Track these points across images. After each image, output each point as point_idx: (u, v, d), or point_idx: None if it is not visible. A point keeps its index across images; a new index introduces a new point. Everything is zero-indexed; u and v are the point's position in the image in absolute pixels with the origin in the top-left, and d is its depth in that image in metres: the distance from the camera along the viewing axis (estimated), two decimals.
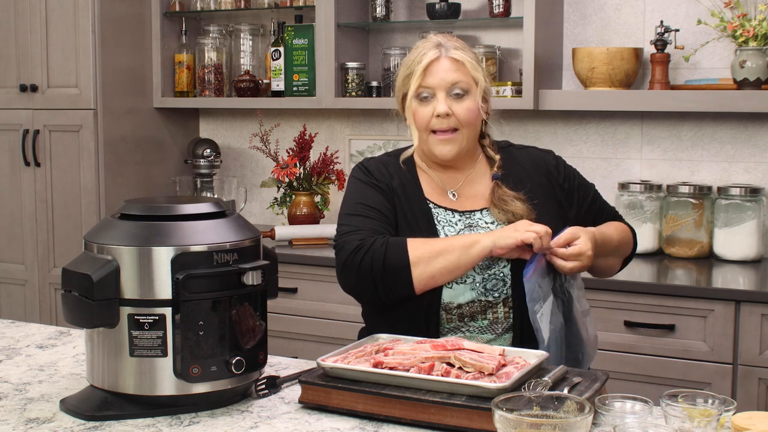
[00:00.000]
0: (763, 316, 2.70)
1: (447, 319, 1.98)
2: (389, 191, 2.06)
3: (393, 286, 1.93)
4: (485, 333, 1.98)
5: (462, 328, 1.98)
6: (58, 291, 3.82)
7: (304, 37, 3.73)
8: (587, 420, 1.33)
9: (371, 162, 2.13)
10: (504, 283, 1.98)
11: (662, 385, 2.68)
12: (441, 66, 2.00)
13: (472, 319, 1.98)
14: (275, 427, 1.58)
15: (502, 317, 1.98)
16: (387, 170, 2.09)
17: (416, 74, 2.00)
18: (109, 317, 1.60)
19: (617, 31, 3.45)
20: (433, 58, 2.00)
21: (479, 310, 1.98)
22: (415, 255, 1.91)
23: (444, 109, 1.98)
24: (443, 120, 2.00)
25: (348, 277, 1.97)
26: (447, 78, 2.00)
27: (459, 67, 2.01)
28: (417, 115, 2.02)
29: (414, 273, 1.91)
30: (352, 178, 2.12)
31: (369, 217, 2.01)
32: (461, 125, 2.01)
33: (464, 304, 1.98)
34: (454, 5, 3.52)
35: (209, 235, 1.63)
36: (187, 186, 3.99)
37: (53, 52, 3.79)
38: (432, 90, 2.00)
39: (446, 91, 2.00)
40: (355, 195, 2.07)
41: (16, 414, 1.64)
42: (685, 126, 3.38)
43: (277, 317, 3.36)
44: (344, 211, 2.06)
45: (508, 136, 3.52)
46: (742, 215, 3.13)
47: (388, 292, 1.94)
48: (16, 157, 3.92)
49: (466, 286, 1.97)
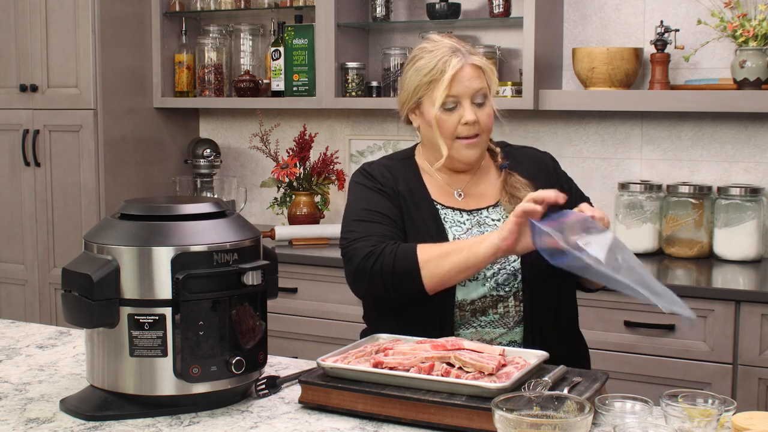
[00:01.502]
0: (763, 316, 2.70)
1: (460, 315, 1.99)
2: (395, 195, 2.06)
3: (404, 289, 1.93)
4: (497, 327, 1.99)
5: (474, 323, 1.99)
6: (58, 291, 3.82)
7: (304, 37, 3.73)
8: (587, 420, 1.33)
9: (374, 166, 2.13)
10: (515, 277, 2.00)
11: (662, 385, 2.68)
12: (465, 74, 2.01)
13: (483, 314, 1.99)
14: (275, 427, 1.58)
15: (513, 311, 2.00)
16: (391, 174, 2.09)
17: (442, 85, 1.99)
18: (109, 317, 1.60)
19: (617, 31, 3.45)
20: (459, 67, 2.00)
21: (490, 305, 1.99)
22: (423, 258, 1.91)
23: (472, 117, 2.00)
24: (471, 127, 2.02)
25: (360, 284, 1.99)
26: (472, 86, 2.01)
27: (479, 74, 2.03)
28: (443, 123, 2.02)
29: (424, 275, 1.91)
30: (355, 183, 2.11)
31: (377, 222, 2.01)
32: (483, 131, 2.04)
33: (477, 299, 1.99)
34: (454, 5, 3.51)
35: (209, 235, 1.63)
36: (187, 186, 3.99)
37: (53, 52, 3.79)
38: (457, 98, 2.01)
39: (470, 98, 2.01)
40: (360, 200, 2.07)
41: (16, 414, 1.64)
42: (685, 126, 3.38)
43: (277, 317, 3.36)
44: (350, 217, 2.06)
45: (508, 136, 3.52)
46: (742, 215, 3.13)
47: (400, 295, 1.95)
48: (16, 157, 3.92)
49: (478, 282, 1.99)
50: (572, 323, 2.12)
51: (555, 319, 2.02)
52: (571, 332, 2.09)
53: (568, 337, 2.07)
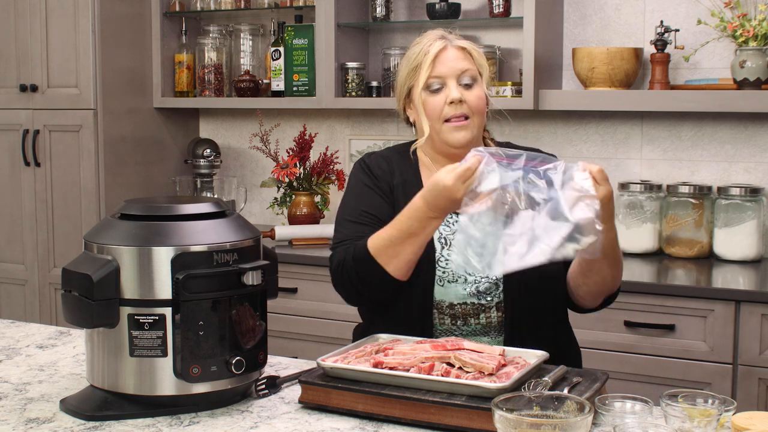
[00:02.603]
0: (763, 316, 2.70)
1: (440, 320, 1.98)
2: (389, 190, 2.06)
3: (374, 284, 1.93)
4: (479, 335, 1.98)
5: (455, 331, 1.98)
6: (58, 291, 3.82)
7: (304, 37, 3.73)
8: (587, 420, 1.33)
9: (372, 158, 2.12)
10: (497, 286, 1.97)
11: (662, 385, 2.68)
12: (449, 55, 2.00)
13: (465, 323, 1.98)
14: (275, 427, 1.58)
15: (496, 322, 1.98)
16: (388, 166, 2.09)
17: (425, 65, 1.99)
18: (109, 317, 1.60)
19: (617, 31, 3.45)
20: (441, 47, 2.00)
21: (472, 313, 1.97)
22: (375, 250, 1.89)
23: (457, 95, 1.97)
24: (457, 106, 1.98)
25: (339, 291, 2.03)
26: (457, 66, 1.99)
27: (466, 56, 2.02)
28: (428, 105, 2.00)
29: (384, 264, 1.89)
30: (354, 175, 2.12)
31: (363, 224, 2.01)
32: (472, 113, 2.00)
33: (457, 304, 1.97)
34: (454, 5, 3.52)
35: (209, 235, 1.63)
36: (187, 186, 3.99)
37: (53, 52, 3.79)
38: (442, 79, 1.99)
39: (456, 79, 1.99)
40: (354, 196, 2.07)
41: (16, 414, 1.64)
42: (685, 126, 3.38)
43: (277, 317, 3.36)
44: (342, 213, 2.07)
45: (508, 136, 3.52)
46: (742, 215, 3.13)
47: (372, 290, 1.95)
48: (16, 157, 3.92)
49: (457, 285, 1.97)
50: (559, 332, 2.06)
51: (537, 329, 1.97)
52: (554, 340, 1.99)
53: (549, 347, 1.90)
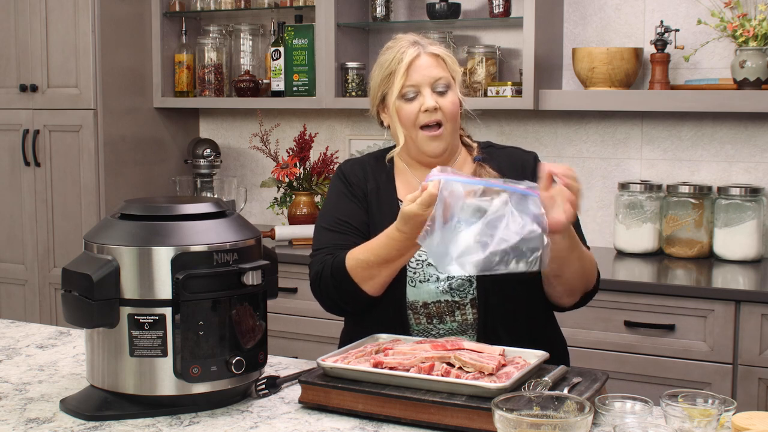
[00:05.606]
0: (763, 316, 2.70)
1: (415, 320, 1.98)
2: (363, 197, 2.07)
3: (351, 299, 1.95)
4: (456, 334, 1.97)
5: (432, 330, 1.98)
6: (58, 291, 3.82)
7: (304, 37, 3.73)
8: (587, 420, 1.33)
9: (349, 165, 2.13)
10: (470, 283, 1.96)
11: (662, 385, 2.68)
12: (422, 63, 2.00)
13: (441, 321, 1.97)
14: (275, 427, 1.58)
15: (472, 319, 1.97)
16: (363, 173, 2.10)
17: (399, 73, 1.99)
18: (109, 317, 1.60)
19: (617, 31, 3.45)
20: (414, 55, 2.00)
21: (447, 311, 1.97)
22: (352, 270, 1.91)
23: (432, 103, 1.97)
24: (431, 114, 1.98)
25: (317, 299, 2.03)
26: (430, 74, 1.99)
27: (439, 63, 2.02)
28: (403, 113, 2.00)
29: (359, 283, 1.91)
30: (332, 182, 2.14)
31: (339, 232, 2.02)
32: (446, 119, 2.00)
33: (430, 303, 1.97)
34: (454, 5, 3.51)
35: (209, 235, 1.63)
36: (187, 186, 3.99)
37: (53, 52, 3.79)
38: (417, 87, 1.99)
39: (431, 87, 1.99)
40: (331, 204, 2.09)
41: (16, 414, 1.64)
42: (685, 126, 3.38)
43: (277, 317, 3.36)
44: (320, 221, 2.08)
45: (508, 136, 3.53)
46: (742, 215, 3.13)
47: (351, 305, 1.98)
48: (16, 157, 3.92)
49: (429, 284, 1.97)
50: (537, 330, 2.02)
51: (512, 326, 1.96)
52: (531, 338, 1.97)
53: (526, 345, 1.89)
